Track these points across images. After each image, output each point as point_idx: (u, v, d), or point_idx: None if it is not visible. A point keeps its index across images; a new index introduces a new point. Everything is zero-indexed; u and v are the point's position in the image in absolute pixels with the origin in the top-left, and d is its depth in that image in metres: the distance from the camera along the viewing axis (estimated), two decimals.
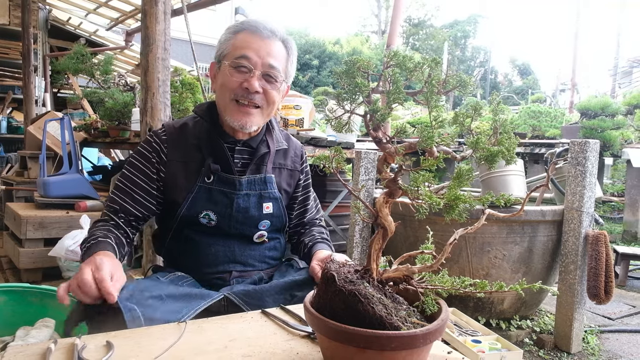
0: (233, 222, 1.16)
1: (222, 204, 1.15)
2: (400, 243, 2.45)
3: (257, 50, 1.09)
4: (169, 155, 1.16)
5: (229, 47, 1.11)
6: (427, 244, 0.80)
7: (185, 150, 1.17)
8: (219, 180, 1.15)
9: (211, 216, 1.15)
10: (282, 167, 1.26)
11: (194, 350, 0.78)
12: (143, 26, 1.85)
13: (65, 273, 2.48)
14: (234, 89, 1.10)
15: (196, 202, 1.14)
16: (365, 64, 0.70)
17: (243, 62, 1.08)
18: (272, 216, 1.21)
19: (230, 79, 1.10)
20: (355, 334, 0.63)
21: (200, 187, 1.14)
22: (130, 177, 1.16)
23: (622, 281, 3.47)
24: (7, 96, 6.78)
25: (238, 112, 1.11)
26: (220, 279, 1.18)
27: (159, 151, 1.16)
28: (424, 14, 28.79)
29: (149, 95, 1.84)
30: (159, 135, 1.18)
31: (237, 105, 1.11)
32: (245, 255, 1.20)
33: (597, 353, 2.26)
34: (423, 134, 0.66)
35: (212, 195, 1.15)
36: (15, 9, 5.93)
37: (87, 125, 3.90)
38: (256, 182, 1.18)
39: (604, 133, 5.52)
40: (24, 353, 0.74)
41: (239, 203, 1.15)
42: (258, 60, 1.09)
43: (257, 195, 1.18)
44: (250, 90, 1.09)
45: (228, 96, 1.11)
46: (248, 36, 1.10)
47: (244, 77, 1.09)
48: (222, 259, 1.18)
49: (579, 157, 2.18)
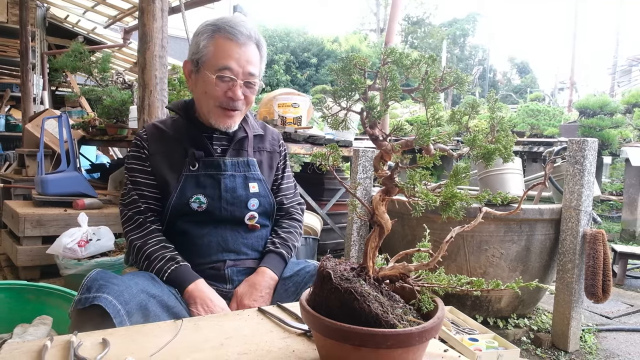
0: (223, 203, 1.21)
1: (211, 187, 1.21)
2: (397, 241, 2.45)
3: (237, 60, 1.16)
4: (151, 149, 1.23)
5: (209, 54, 1.17)
6: (424, 242, 0.80)
7: (166, 144, 1.24)
8: (204, 165, 1.22)
9: (201, 199, 1.20)
10: (262, 150, 1.33)
11: (189, 348, 0.78)
12: (140, 24, 1.84)
13: (63, 271, 2.47)
14: (219, 97, 1.18)
15: (185, 190, 1.20)
16: (362, 61, 0.70)
17: (226, 73, 1.16)
18: (259, 195, 1.26)
19: (215, 89, 1.17)
20: (351, 332, 0.63)
21: (187, 177, 1.20)
22: (135, 179, 1.23)
23: (620, 280, 3.47)
24: (5, 94, 6.76)
25: (224, 117, 1.20)
26: (214, 269, 1.20)
27: (143, 147, 1.24)
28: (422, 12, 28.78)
29: (146, 92, 1.84)
30: (140, 135, 1.26)
31: (223, 110, 1.19)
32: (238, 243, 1.23)
33: (595, 352, 2.26)
34: (419, 132, 0.66)
35: (199, 180, 1.21)
36: (13, 6, 5.91)
37: (85, 123, 3.90)
38: (240, 164, 1.25)
39: (603, 132, 5.53)
40: (20, 350, 0.74)
41: (226, 183, 1.22)
42: (239, 70, 1.17)
43: (242, 177, 1.25)
44: (234, 99, 1.18)
45: (212, 103, 1.19)
46: (227, 44, 1.16)
47: (227, 86, 1.17)
48: (215, 249, 1.21)
49: (577, 155, 2.18)
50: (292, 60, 21.42)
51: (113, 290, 0.95)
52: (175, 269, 1.12)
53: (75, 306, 0.94)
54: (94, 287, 0.95)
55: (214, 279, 1.19)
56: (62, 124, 3.21)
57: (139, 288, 1.00)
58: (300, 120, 3.02)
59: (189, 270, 1.14)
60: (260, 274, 1.19)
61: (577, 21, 15.40)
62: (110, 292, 0.94)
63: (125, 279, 1.02)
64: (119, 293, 0.95)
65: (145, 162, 1.23)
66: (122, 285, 0.98)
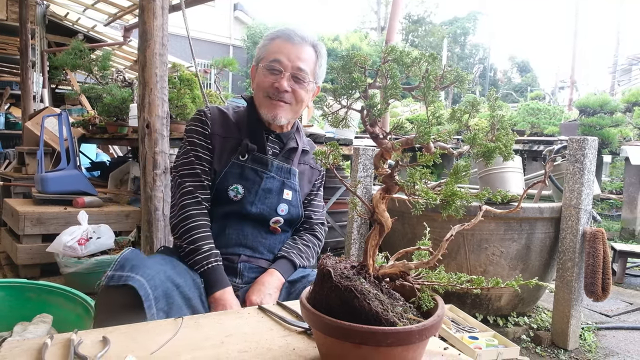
0: (257, 198, 1.25)
1: (252, 181, 1.26)
2: (398, 239, 2.45)
3: (287, 55, 1.23)
4: (212, 129, 1.28)
5: (265, 52, 1.27)
6: (424, 240, 0.80)
7: (226, 128, 1.29)
8: (253, 159, 1.27)
9: (239, 189, 1.24)
10: (306, 163, 1.39)
11: (190, 345, 0.78)
12: (141, 22, 1.84)
13: (63, 269, 2.47)
14: (266, 87, 1.25)
15: (228, 176, 1.25)
16: (362, 59, 0.70)
17: (275, 65, 1.23)
18: (290, 203, 1.30)
19: (264, 80, 1.25)
20: (351, 330, 0.63)
21: (234, 164, 1.25)
22: (197, 153, 1.26)
23: (620, 278, 3.48)
24: (4, 92, 6.75)
25: (270, 105, 1.25)
26: (228, 260, 1.24)
27: (207, 124, 1.28)
28: (423, 10, 28.72)
29: (146, 91, 1.83)
30: (205, 112, 1.30)
31: (269, 100, 1.25)
32: (257, 242, 1.27)
33: (594, 350, 2.27)
34: (420, 130, 0.66)
35: (244, 171, 1.26)
36: (12, 4, 5.90)
37: (85, 121, 3.89)
38: (283, 169, 1.31)
39: (603, 130, 5.52)
40: (20, 348, 0.74)
41: (266, 182, 1.27)
42: (288, 64, 1.23)
43: (281, 182, 1.30)
44: (280, 89, 1.23)
45: (262, 94, 1.26)
46: (281, 42, 1.25)
47: (275, 78, 1.24)
48: (235, 242, 1.25)
49: (577, 154, 2.18)
50: None
51: (146, 273, 0.97)
52: (211, 268, 1.16)
53: (108, 282, 0.96)
54: (127, 266, 0.97)
55: (225, 270, 1.21)
56: (62, 122, 3.21)
57: (166, 275, 1.03)
58: (300, 119, 3.02)
59: (222, 274, 1.17)
60: (269, 274, 1.22)
61: (577, 20, 15.38)
62: (143, 274, 0.96)
63: (156, 263, 1.04)
64: (150, 277, 0.97)
65: (208, 139, 1.27)
66: (153, 269, 1.00)
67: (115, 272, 0.97)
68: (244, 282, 1.24)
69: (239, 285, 1.23)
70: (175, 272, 1.08)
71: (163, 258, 1.13)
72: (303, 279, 1.23)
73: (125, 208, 3.06)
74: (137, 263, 0.99)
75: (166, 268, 1.05)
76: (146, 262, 1.02)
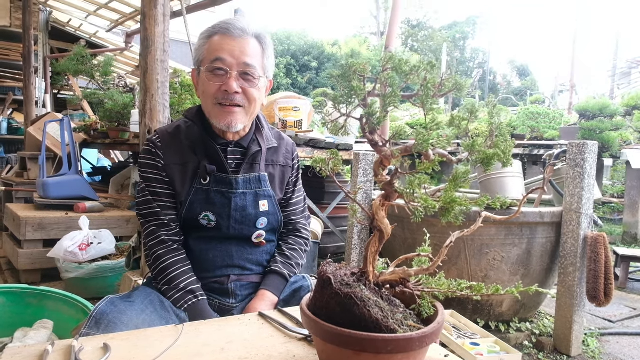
0: (232, 222, 1.17)
1: (220, 204, 1.17)
2: (398, 245, 2.45)
3: (230, 51, 1.10)
4: (166, 159, 1.18)
5: (204, 52, 1.13)
6: (424, 246, 0.81)
7: (181, 153, 1.18)
8: (216, 181, 1.17)
9: (210, 217, 1.16)
10: (275, 163, 1.27)
11: (191, 352, 0.78)
12: (142, 28, 1.85)
13: (64, 274, 2.47)
14: (214, 93, 1.12)
15: (194, 204, 1.16)
16: (361, 67, 0.70)
17: (218, 64, 1.10)
18: (268, 214, 1.22)
19: (209, 84, 1.12)
20: (351, 337, 0.63)
21: (197, 190, 1.16)
22: (154, 190, 1.18)
23: (623, 283, 3.46)
24: (7, 97, 6.79)
25: (222, 113, 1.13)
26: (218, 283, 1.19)
27: (158, 155, 1.18)
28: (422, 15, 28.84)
29: (148, 96, 1.84)
30: (154, 142, 1.19)
31: (221, 107, 1.13)
32: (244, 259, 1.21)
33: (598, 356, 2.25)
34: (418, 137, 0.66)
35: (209, 196, 1.17)
36: (16, 10, 5.95)
37: (86, 126, 3.91)
38: (251, 180, 1.20)
39: (603, 134, 5.53)
40: (21, 354, 0.74)
41: (236, 202, 1.17)
42: (233, 61, 1.10)
43: (253, 194, 1.20)
44: (229, 91, 1.10)
45: (210, 102, 1.13)
46: (221, 39, 1.12)
47: (222, 80, 1.11)
48: (220, 264, 1.19)
49: (577, 158, 2.18)
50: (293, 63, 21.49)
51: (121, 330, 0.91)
52: (191, 305, 1.10)
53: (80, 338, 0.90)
54: (103, 324, 0.92)
55: (217, 292, 1.18)
56: (64, 127, 3.22)
57: (148, 325, 0.98)
58: (301, 124, 3.03)
59: (204, 309, 1.11)
60: (259, 298, 1.17)
61: (577, 24, 15.41)
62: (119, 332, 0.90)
63: (136, 312, 0.99)
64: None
65: (162, 171, 1.17)
66: (131, 323, 0.95)
67: (90, 330, 0.91)
68: (238, 301, 1.19)
69: (233, 305, 1.19)
70: (157, 315, 1.03)
71: (145, 299, 1.06)
72: (295, 295, 1.19)
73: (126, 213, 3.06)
74: (113, 318, 0.93)
75: (146, 315, 1.00)
76: (123, 316, 0.95)
